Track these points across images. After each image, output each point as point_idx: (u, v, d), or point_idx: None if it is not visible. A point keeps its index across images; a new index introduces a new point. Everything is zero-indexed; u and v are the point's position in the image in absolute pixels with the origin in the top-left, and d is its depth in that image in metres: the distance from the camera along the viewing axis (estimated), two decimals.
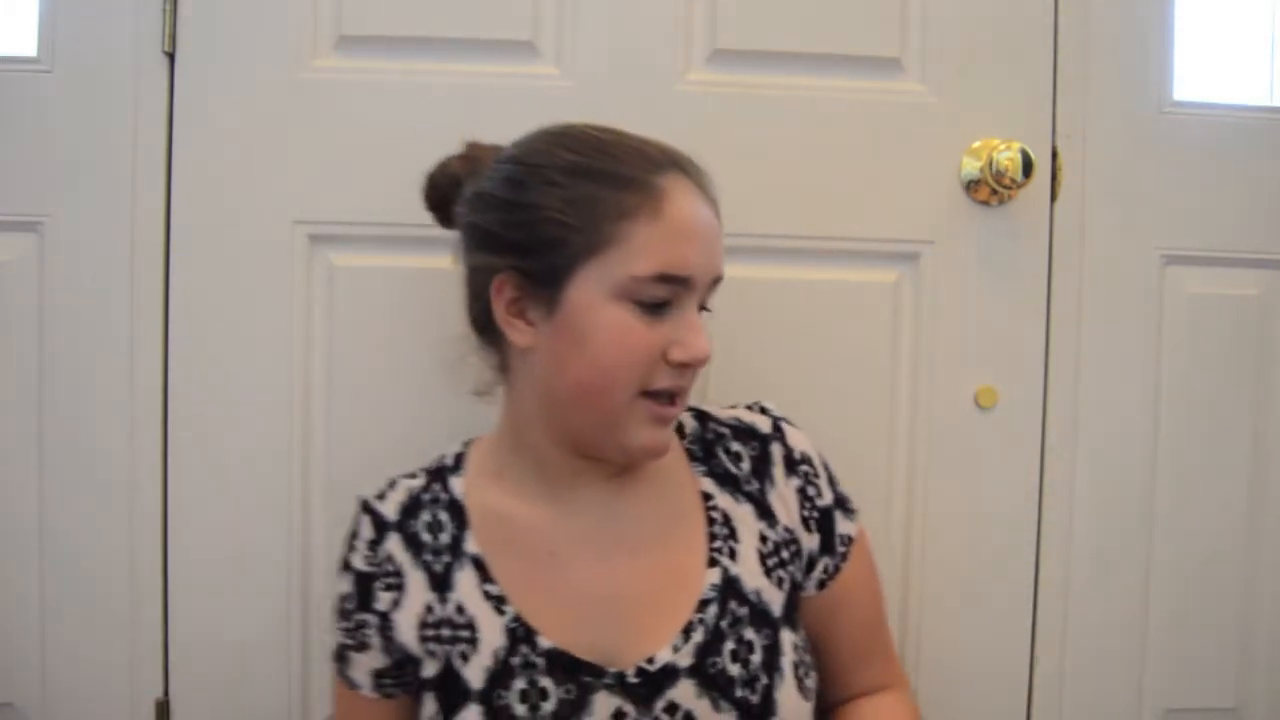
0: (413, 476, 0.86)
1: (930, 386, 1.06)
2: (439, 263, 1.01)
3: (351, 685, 0.83)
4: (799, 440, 0.86)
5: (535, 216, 0.74)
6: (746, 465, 0.85)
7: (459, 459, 0.86)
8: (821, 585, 0.85)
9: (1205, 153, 1.09)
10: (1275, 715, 1.13)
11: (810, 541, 0.85)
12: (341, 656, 0.83)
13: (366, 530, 0.83)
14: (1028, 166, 1.00)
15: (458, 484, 0.84)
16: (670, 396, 0.75)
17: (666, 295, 0.73)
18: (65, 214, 1.00)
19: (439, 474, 0.85)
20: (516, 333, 0.77)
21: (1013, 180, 1.00)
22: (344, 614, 0.82)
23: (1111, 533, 1.10)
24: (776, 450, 0.85)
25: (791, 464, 0.85)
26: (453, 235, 1.01)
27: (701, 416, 0.88)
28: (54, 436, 1.01)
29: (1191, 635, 1.11)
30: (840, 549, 0.85)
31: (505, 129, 0.97)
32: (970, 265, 1.06)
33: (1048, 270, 1.07)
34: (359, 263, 1.02)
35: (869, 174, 1.05)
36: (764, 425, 0.87)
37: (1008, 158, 1.00)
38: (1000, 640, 1.09)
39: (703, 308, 0.77)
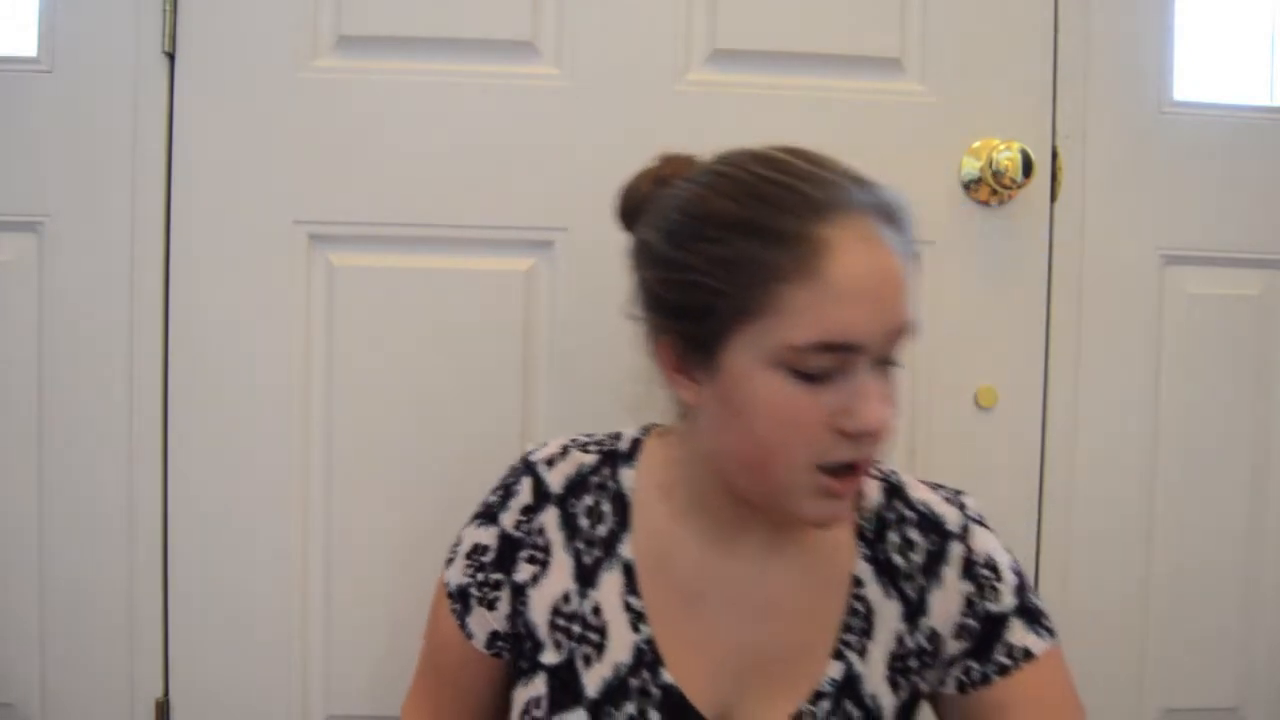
0: (586, 449, 0.80)
1: (930, 386, 1.06)
2: (439, 263, 1.02)
3: (465, 632, 0.80)
4: (986, 543, 0.77)
5: (688, 278, 0.67)
6: (918, 558, 0.77)
7: (634, 448, 0.80)
8: (962, 688, 0.76)
9: (1205, 153, 1.09)
10: (1275, 715, 1.13)
11: (955, 646, 0.76)
12: (464, 601, 0.79)
13: (525, 494, 0.79)
14: (1028, 166, 1.00)
15: (628, 476, 0.79)
16: (850, 467, 0.67)
17: (831, 364, 0.64)
18: (65, 214, 1.00)
19: (612, 458, 0.80)
20: (683, 390, 0.71)
21: (1013, 180, 1.01)
22: (480, 565, 0.79)
23: (1111, 532, 1.10)
24: (956, 550, 0.77)
25: (969, 567, 0.76)
26: (450, 235, 1.02)
27: (891, 491, 0.79)
28: (53, 436, 1.00)
29: (1191, 635, 1.11)
30: (1002, 659, 0.75)
31: (505, 129, 0.98)
32: (970, 265, 1.06)
33: (1048, 270, 1.07)
34: (359, 263, 1.02)
35: (869, 174, 1.05)
36: (952, 521, 0.78)
37: (1008, 158, 1.00)
38: None
39: (889, 362, 0.67)
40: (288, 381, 1.01)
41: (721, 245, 0.66)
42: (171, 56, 1.00)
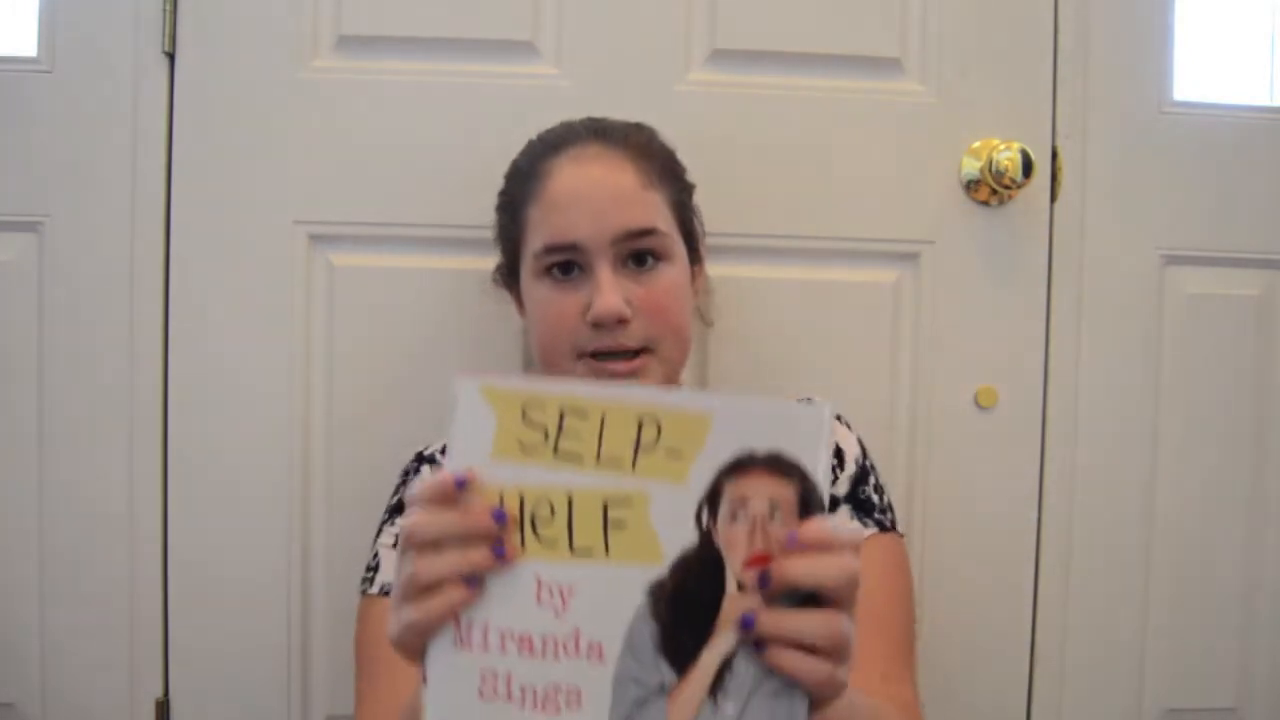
0: None
1: (930, 386, 1.06)
2: (439, 263, 1.02)
3: None
4: (837, 433, 0.88)
5: (496, 221, 0.89)
6: None
7: None
8: None
9: (1205, 153, 1.09)
10: (1275, 715, 1.13)
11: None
12: None
13: (426, 476, 0.86)
14: (1028, 166, 1.00)
15: None
16: (623, 354, 0.79)
17: (563, 261, 0.80)
18: (65, 214, 1.00)
19: None
20: (519, 310, 0.89)
21: (1013, 180, 1.00)
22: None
23: (1111, 532, 1.09)
24: None
25: None
26: (450, 235, 1.02)
27: None
28: (54, 436, 1.00)
29: (1191, 635, 1.11)
30: None
31: (505, 129, 0.97)
32: (970, 265, 1.06)
33: (1048, 270, 1.07)
34: (359, 263, 1.02)
35: (869, 174, 1.05)
36: None
37: (1008, 158, 1.00)
38: (1000, 640, 1.09)
39: (641, 259, 0.80)
40: (288, 381, 1.01)
41: (505, 193, 0.88)
42: (171, 56, 0.99)
